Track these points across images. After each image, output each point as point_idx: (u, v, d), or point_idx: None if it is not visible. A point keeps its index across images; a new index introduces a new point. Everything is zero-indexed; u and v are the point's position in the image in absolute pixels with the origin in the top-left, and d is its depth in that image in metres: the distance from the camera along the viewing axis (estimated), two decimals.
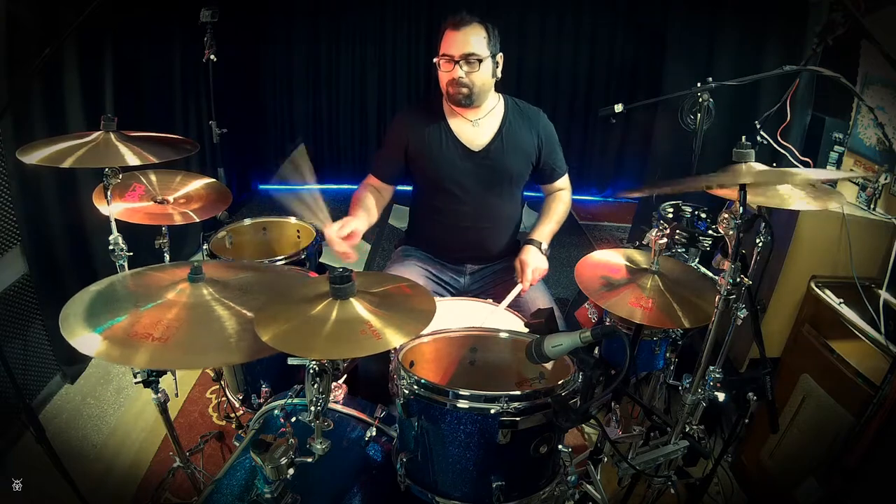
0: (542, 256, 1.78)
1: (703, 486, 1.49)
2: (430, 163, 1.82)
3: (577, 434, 2.05)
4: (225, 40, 2.75)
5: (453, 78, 1.72)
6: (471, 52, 1.69)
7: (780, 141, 2.12)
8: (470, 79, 1.71)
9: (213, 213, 1.63)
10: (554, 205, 1.95)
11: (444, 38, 1.72)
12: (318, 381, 0.97)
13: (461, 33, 1.68)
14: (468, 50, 1.68)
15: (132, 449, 2.03)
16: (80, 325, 0.94)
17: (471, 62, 1.70)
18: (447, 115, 1.83)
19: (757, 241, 1.19)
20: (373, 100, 4.60)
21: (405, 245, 2.02)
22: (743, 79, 1.84)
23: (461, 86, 1.72)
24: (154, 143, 1.39)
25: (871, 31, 1.39)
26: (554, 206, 1.95)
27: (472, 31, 1.69)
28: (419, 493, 1.13)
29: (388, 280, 1.18)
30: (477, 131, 1.82)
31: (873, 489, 1.45)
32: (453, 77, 1.72)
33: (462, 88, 1.72)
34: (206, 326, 0.97)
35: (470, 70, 1.71)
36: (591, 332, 0.99)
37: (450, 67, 1.71)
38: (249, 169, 4.57)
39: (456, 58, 1.69)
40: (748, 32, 3.04)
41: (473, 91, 1.73)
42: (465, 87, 1.72)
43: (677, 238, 1.80)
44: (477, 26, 1.70)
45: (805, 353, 1.71)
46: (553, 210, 1.94)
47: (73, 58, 2.22)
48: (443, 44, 1.72)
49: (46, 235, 2.15)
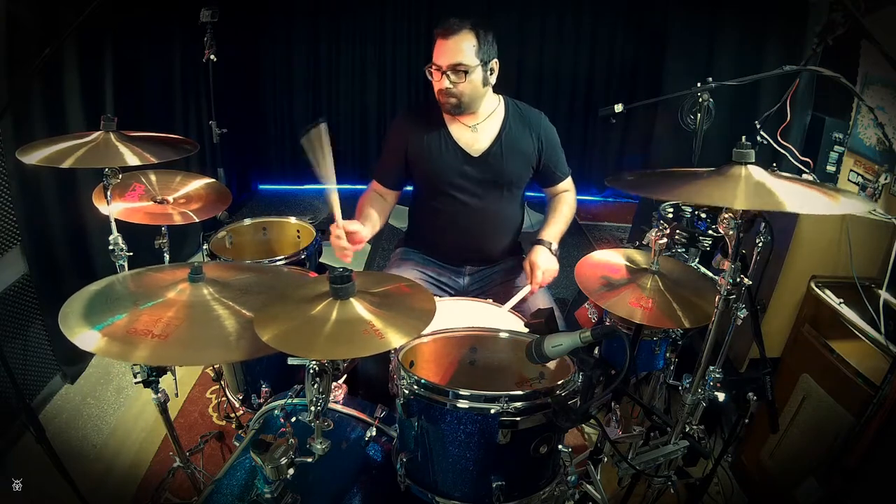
0: (552, 257, 1.76)
1: (703, 486, 1.49)
2: (429, 167, 1.82)
3: (577, 434, 2.05)
4: (225, 40, 2.75)
5: (440, 88, 1.70)
6: (458, 62, 1.65)
7: (780, 141, 2.12)
8: (458, 89, 1.69)
9: (213, 213, 1.63)
10: (560, 206, 1.95)
11: (434, 46, 1.69)
12: (318, 381, 0.97)
13: (450, 42, 1.65)
14: (455, 60, 1.65)
15: (132, 449, 2.03)
16: (79, 322, 0.94)
17: (458, 72, 1.66)
18: (446, 120, 1.81)
19: (757, 241, 1.19)
20: (373, 100, 4.60)
21: (404, 247, 2.02)
22: (743, 79, 1.83)
23: (449, 96, 1.70)
24: (154, 143, 1.39)
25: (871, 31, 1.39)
26: (560, 207, 1.94)
27: (461, 39, 1.65)
28: (419, 493, 1.13)
29: (387, 280, 1.18)
30: (476, 136, 1.81)
31: (873, 489, 1.45)
32: (440, 87, 1.70)
33: (450, 98, 1.70)
34: (206, 324, 0.97)
35: (457, 80, 1.67)
36: (591, 332, 0.99)
37: (437, 77, 1.69)
38: (249, 169, 4.58)
39: (443, 68, 1.67)
40: (748, 32, 3.05)
41: (462, 101, 1.71)
42: (454, 98, 1.70)
43: (677, 238, 1.80)
44: (467, 34, 1.65)
45: (805, 353, 1.71)
46: (559, 211, 1.93)
47: (73, 58, 2.23)
48: (434, 52, 1.69)
49: (46, 235, 2.15)
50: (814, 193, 1.00)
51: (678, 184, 1.09)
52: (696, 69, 3.00)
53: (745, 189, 0.99)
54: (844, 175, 2.09)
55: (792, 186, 1.01)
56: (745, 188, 1.00)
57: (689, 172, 1.16)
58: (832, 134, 2.17)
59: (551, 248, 1.79)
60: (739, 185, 1.00)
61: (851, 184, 2.02)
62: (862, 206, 0.99)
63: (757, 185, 1.00)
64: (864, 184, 1.90)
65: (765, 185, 1.00)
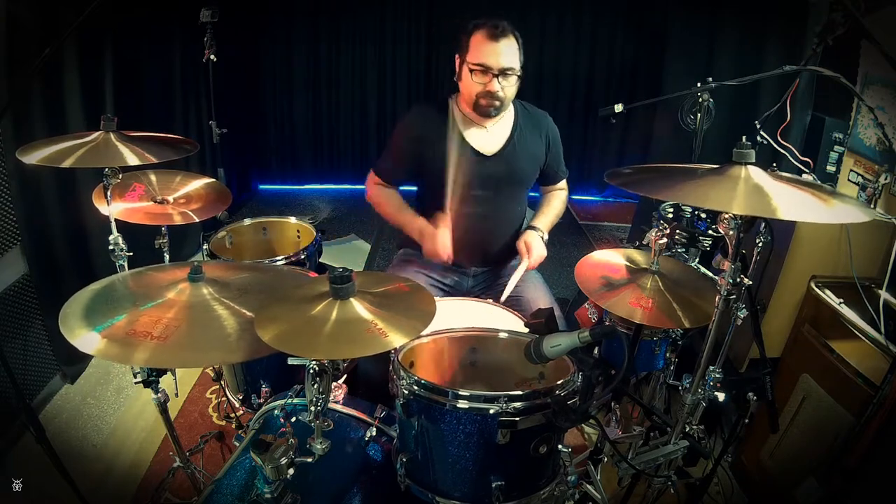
0: (542, 243, 1.80)
1: (703, 486, 1.49)
2: (441, 168, 1.78)
3: (577, 434, 2.05)
4: (225, 40, 2.75)
5: (490, 91, 1.66)
6: (509, 66, 1.63)
7: (780, 141, 2.12)
8: (505, 93, 1.67)
9: (213, 213, 1.63)
10: (553, 200, 1.97)
11: (477, 45, 1.64)
12: (318, 381, 0.97)
13: (500, 44, 1.61)
14: (507, 64, 1.63)
15: (132, 449, 2.03)
16: (79, 323, 0.94)
17: (508, 76, 1.65)
18: (459, 121, 1.79)
19: (757, 241, 1.19)
20: (373, 100, 4.60)
21: (407, 247, 2.00)
22: (743, 79, 1.83)
23: (495, 99, 1.68)
24: (154, 143, 1.39)
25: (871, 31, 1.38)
26: (553, 202, 1.97)
27: (510, 42, 1.63)
28: (419, 492, 1.13)
29: (387, 280, 1.18)
30: (489, 137, 1.80)
31: (873, 489, 1.45)
32: (490, 90, 1.66)
33: (495, 102, 1.68)
34: (206, 326, 0.97)
35: (506, 84, 1.66)
36: (590, 332, 0.99)
37: (486, 79, 1.65)
38: (249, 169, 4.58)
39: (495, 71, 1.63)
40: (748, 32, 3.05)
41: (504, 104, 1.71)
42: (498, 101, 1.68)
43: (677, 238, 1.80)
44: (512, 38, 1.63)
45: (805, 353, 1.71)
46: (552, 204, 1.96)
47: (73, 58, 2.22)
48: (475, 51, 1.64)
49: (46, 235, 2.15)
50: (812, 200, 0.98)
51: (676, 183, 1.08)
52: (696, 69, 3.00)
53: (744, 192, 0.98)
54: (844, 175, 2.09)
55: (790, 191, 0.99)
56: (743, 191, 0.98)
57: (688, 169, 1.15)
58: (832, 134, 2.17)
59: (543, 238, 1.83)
60: (738, 187, 0.99)
61: (851, 184, 2.02)
62: (861, 214, 0.98)
63: (755, 187, 0.99)
64: (864, 184, 1.90)
65: (762, 188, 0.98)
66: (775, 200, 0.95)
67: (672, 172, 1.16)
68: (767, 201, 0.95)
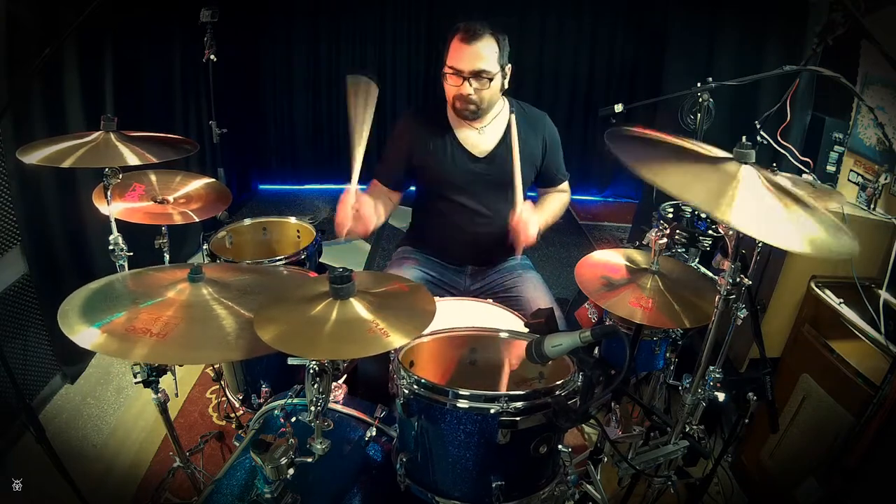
0: (535, 227, 1.67)
1: (703, 486, 1.49)
2: (434, 169, 1.81)
3: (577, 434, 2.05)
4: (225, 40, 2.75)
5: (461, 94, 1.66)
6: (482, 69, 1.62)
7: (780, 141, 2.12)
8: (479, 95, 1.66)
9: (213, 213, 1.63)
10: (550, 200, 1.95)
11: (452, 49, 1.64)
12: (318, 381, 0.97)
13: (473, 48, 1.61)
14: (479, 66, 1.62)
15: (132, 449, 2.03)
16: (79, 320, 0.94)
17: (481, 79, 1.64)
18: (452, 122, 1.80)
19: (757, 241, 1.19)
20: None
21: (405, 246, 2.01)
22: (743, 79, 1.83)
23: (469, 102, 1.67)
24: (154, 143, 1.39)
25: (871, 31, 1.38)
26: (550, 201, 1.94)
27: (484, 44, 1.61)
28: (419, 492, 1.13)
29: (387, 280, 1.18)
30: (482, 138, 1.80)
31: (873, 489, 1.45)
32: (461, 93, 1.66)
33: (469, 105, 1.68)
34: (205, 324, 0.97)
35: (479, 87, 1.65)
36: (590, 332, 0.99)
37: (458, 82, 1.65)
38: (249, 169, 4.58)
39: (465, 74, 1.63)
40: (748, 32, 3.04)
41: (481, 107, 1.70)
42: (473, 104, 1.68)
43: (677, 238, 1.80)
44: (489, 39, 1.62)
45: (805, 353, 1.71)
46: (548, 203, 1.93)
47: (73, 58, 2.22)
48: (451, 55, 1.65)
49: (46, 235, 2.15)
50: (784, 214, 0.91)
51: (665, 162, 1.01)
52: (696, 69, 2.99)
53: (716, 189, 0.92)
54: (844, 175, 2.09)
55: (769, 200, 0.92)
56: (717, 188, 0.92)
57: (690, 153, 1.07)
58: (832, 134, 2.17)
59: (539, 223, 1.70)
60: (728, 183, 0.93)
61: (851, 184, 2.02)
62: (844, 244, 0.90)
63: (736, 188, 0.92)
64: (864, 184, 1.90)
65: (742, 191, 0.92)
66: (738, 205, 0.89)
67: (672, 151, 1.09)
68: (728, 203, 0.89)
